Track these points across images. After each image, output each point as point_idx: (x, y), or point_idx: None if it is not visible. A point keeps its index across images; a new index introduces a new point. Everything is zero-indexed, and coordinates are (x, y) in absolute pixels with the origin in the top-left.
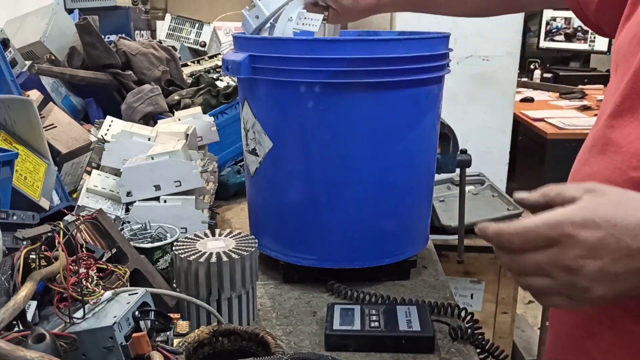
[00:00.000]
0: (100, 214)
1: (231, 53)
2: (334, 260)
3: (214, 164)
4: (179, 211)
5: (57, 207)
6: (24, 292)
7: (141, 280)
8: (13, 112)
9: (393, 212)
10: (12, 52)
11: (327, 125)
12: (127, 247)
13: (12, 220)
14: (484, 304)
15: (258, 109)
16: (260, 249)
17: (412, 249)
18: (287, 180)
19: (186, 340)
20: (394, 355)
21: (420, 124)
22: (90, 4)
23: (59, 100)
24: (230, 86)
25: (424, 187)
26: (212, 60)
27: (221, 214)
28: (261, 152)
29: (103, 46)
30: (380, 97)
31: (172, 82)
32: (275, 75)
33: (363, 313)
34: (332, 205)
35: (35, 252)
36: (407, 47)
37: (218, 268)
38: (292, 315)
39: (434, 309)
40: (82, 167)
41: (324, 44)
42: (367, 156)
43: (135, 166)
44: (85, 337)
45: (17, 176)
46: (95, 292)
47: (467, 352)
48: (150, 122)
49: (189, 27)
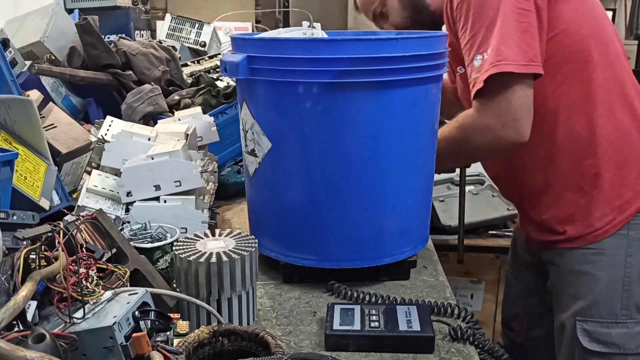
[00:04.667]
0: (100, 214)
1: (229, 54)
2: (334, 260)
3: (214, 164)
4: (179, 211)
5: (57, 207)
6: (24, 292)
7: (141, 280)
8: (13, 112)
9: (393, 212)
10: (12, 52)
11: (326, 125)
12: (127, 247)
13: (12, 220)
14: (484, 304)
15: (256, 109)
16: (260, 250)
17: (412, 249)
18: (286, 180)
19: (186, 340)
20: (394, 355)
21: (419, 123)
22: (90, 4)
23: (59, 100)
24: (230, 86)
25: (424, 187)
26: (212, 60)
27: (221, 214)
28: (260, 152)
29: (103, 46)
30: (378, 96)
31: (172, 82)
32: (274, 75)
33: (363, 313)
34: (331, 205)
35: (35, 252)
36: (405, 47)
37: (218, 268)
38: (292, 315)
39: (434, 309)
40: (82, 167)
41: (321, 44)
42: (366, 156)
43: (135, 166)
44: (85, 337)
45: (17, 176)
46: (95, 292)
47: (467, 352)
48: (150, 122)
49: (189, 27)
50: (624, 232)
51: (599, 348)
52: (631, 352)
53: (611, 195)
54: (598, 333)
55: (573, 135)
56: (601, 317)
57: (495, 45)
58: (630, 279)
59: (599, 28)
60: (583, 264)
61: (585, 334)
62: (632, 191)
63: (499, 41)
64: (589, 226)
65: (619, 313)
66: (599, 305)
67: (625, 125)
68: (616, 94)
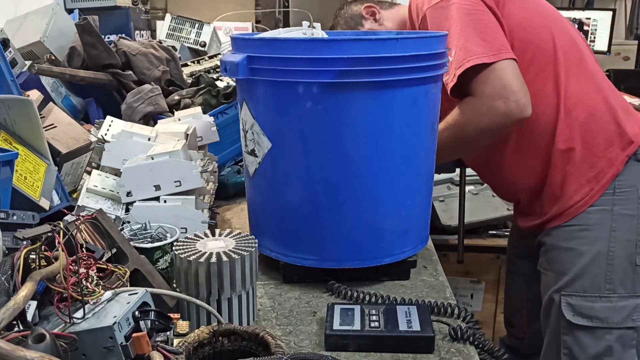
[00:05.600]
0: (100, 214)
1: (229, 54)
2: (334, 260)
3: (214, 164)
4: (179, 211)
5: (57, 207)
6: (24, 292)
7: (141, 280)
8: (13, 112)
9: (392, 212)
10: (12, 52)
11: (326, 125)
12: (127, 247)
13: (12, 220)
14: (484, 304)
15: (256, 109)
16: (260, 250)
17: (412, 249)
18: (286, 180)
19: (186, 340)
20: (394, 355)
21: (419, 123)
22: (90, 4)
23: (59, 100)
24: (230, 86)
25: (424, 187)
26: (212, 60)
27: (221, 214)
28: (260, 152)
29: (103, 46)
30: (378, 96)
31: (172, 82)
32: (273, 75)
33: (363, 313)
34: (331, 205)
35: (35, 252)
36: (405, 47)
37: (218, 268)
38: (292, 315)
39: (434, 309)
40: (82, 167)
41: (321, 44)
42: (366, 156)
43: (135, 166)
44: (85, 337)
45: (17, 176)
46: (95, 292)
47: (467, 352)
48: (150, 122)
49: (189, 27)
50: (607, 208)
51: (583, 322)
52: (615, 327)
53: (584, 168)
54: (582, 307)
55: (543, 120)
56: (585, 291)
57: (462, 45)
58: (614, 254)
59: (548, 19)
60: (568, 241)
61: (570, 308)
62: (604, 160)
63: (464, 42)
64: (568, 200)
65: (602, 287)
66: (583, 279)
67: (588, 96)
68: (576, 68)
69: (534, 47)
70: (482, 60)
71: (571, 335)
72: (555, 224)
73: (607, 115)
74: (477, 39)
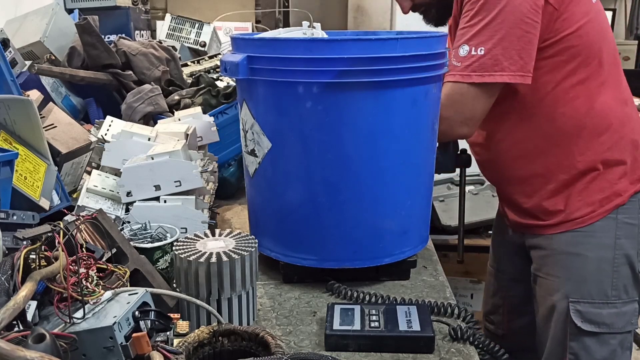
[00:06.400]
0: (100, 214)
1: (229, 54)
2: (334, 260)
3: (214, 164)
4: (179, 211)
5: (57, 207)
6: (24, 292)
7: (141, 280)
8: (13, 112)
9: (392, 212)
10: (12, 52)
11: (326, 125)
12: (127, 247)
13: (12, 220)
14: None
15: (256, 109)
16: (260, 250)
17: (412, 249)
18: (286, 180)
19: (186, 340)
20: (394, 355)
21: (419, 123)
22: (90, 4)
23: (59, 100)
24: (230, 86)
25: (424, 187)
26: (212, 60)
27: (221, 214)
28: (260, 152)
29: (103, 46)
30: (378, 96)
31: (172, 82)
32: (274, 75)
33: (363, 313)
34: (331, 205)
35: (35, 252)
36: (405, 46)
37: (218, 268)
38: (292, 315)
39: (434, 309)
40: (82, 167)
41: (321, 44)
42: (366, 156)
43: (135, 166)
44: (85, 337)
45: (17, 176)
46: (95, 292)
47: (467, 352)
48: (150, 122)
49: (189, 27)
50: (612, 216)
51: (591, 328)
52: (619, 331)
53: (593, 190)
54: (590, 313)
55: (565, 131)
56: (592, 298)
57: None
58: (619, 261)
59: (602, 34)
60: (573, 246)
61: (578, 315)
62: (612, 189)
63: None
64: (569, 214)
65: (609, 293)
66: (590, 285)
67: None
68: (613, 91)
69: (582, 59)
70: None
71: (578, 342)
72: (555, 231)
73: (629, 146)
74: (513, 52)
